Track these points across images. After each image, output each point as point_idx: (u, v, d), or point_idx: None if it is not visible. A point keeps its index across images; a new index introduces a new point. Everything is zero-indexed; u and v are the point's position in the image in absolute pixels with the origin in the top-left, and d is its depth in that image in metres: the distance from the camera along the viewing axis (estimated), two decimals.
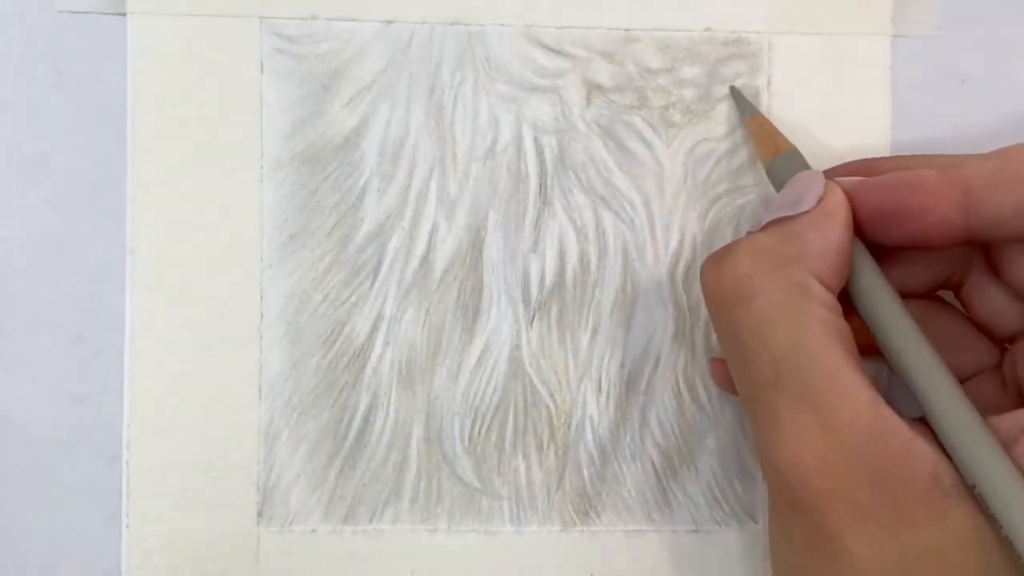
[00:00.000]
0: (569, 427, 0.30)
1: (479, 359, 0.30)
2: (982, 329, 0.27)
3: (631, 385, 0.30)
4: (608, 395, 0.30)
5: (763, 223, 0.26)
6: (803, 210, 0.25)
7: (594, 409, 0.30)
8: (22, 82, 0.29)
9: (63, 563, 0.29)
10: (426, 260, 0.30)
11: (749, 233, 0.26)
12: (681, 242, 0.30)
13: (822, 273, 0.24)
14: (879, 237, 0.25)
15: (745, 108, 0.29)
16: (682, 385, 0.30)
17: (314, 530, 0.29)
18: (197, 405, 0.29)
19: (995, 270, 0.26)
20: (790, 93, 0.30)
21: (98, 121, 0.29)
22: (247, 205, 0.29)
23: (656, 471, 0.30)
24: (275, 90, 0.29)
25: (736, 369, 0.25)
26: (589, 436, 0.30)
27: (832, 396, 0.23)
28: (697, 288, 0.30)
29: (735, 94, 0.30)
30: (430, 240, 0.30)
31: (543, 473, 0.30)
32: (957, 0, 0.31)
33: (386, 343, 0.30)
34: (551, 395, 0.30)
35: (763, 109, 0.30)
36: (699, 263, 0.30)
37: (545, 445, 0.30)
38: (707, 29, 0.30)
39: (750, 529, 0.30)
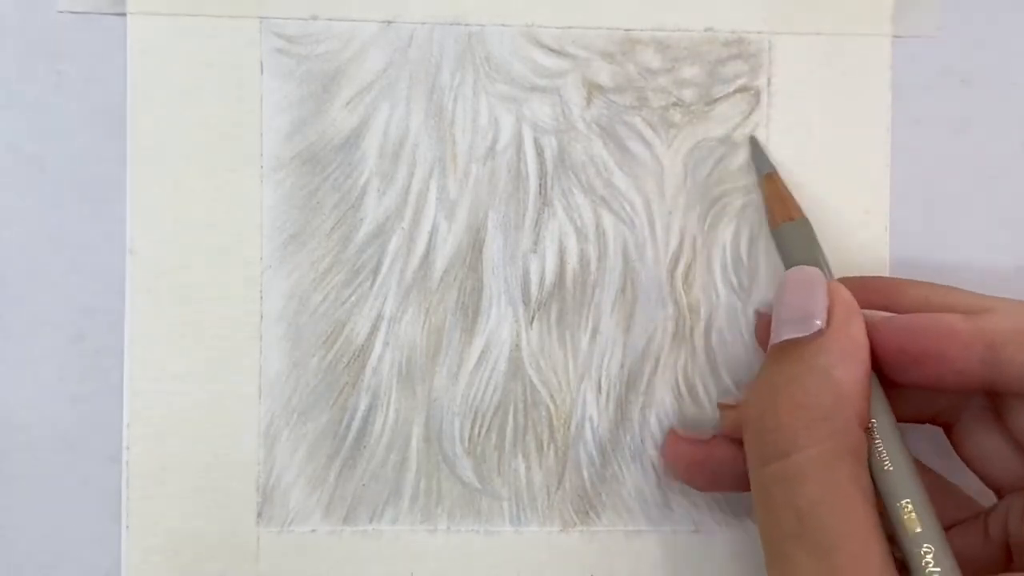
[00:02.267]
0: (569, 427, 0.30)
1: (479, 359, 0.30)
2: (974, 471, 0.27)
3: (631, 385, 0.30)
4: (608, 395, 0.30)
5: (775, 339, 0.26)
6: (817, 328, 0.25)
7: (594, 409, 0.30)
8: (22, 82, 0.29)
9: (63, 563, 0.29)
10: (426, 260, 0.30)
11: (775, 361, 0.26)
12: (681, 242, 0.30)
13: (857, 407, 0.24)
14: (893, 376, 0.25)
15: (763, 164, 0.30)
16: (682, 385, 0.30)
17: (314, 530, 0.29)
18: (197, 405, 0.29)
19: (999, 416, 0.26)
20: (790, 93, 0.30)
21: (98, 121, 0.29)
22: (247, 205, 0.29)
23: (656, 471, 0.30)
24: (275, 90, 0.29)
25: (761, 515, 0.25)
26: (589, 436, 0.30)
27: (848, 556, 0.23)
28: (696, 288, 0.30)
29: (754, 146, 0.30)
30: (430, 240, 0.30)
31: (543, 473, 0.30)
32: (957, 0, 0.30)
33: (386, 343, 0.29)
34: (551, 395, 0.30)
35: (763, 109, 0.30)
36: (699, 263, 0.30)
37: (545, 445, 0.30)
38: (707, 29, 0.30)
39: (750, 529, 0.30)
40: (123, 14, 0.29)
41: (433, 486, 0.30)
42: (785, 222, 0.29)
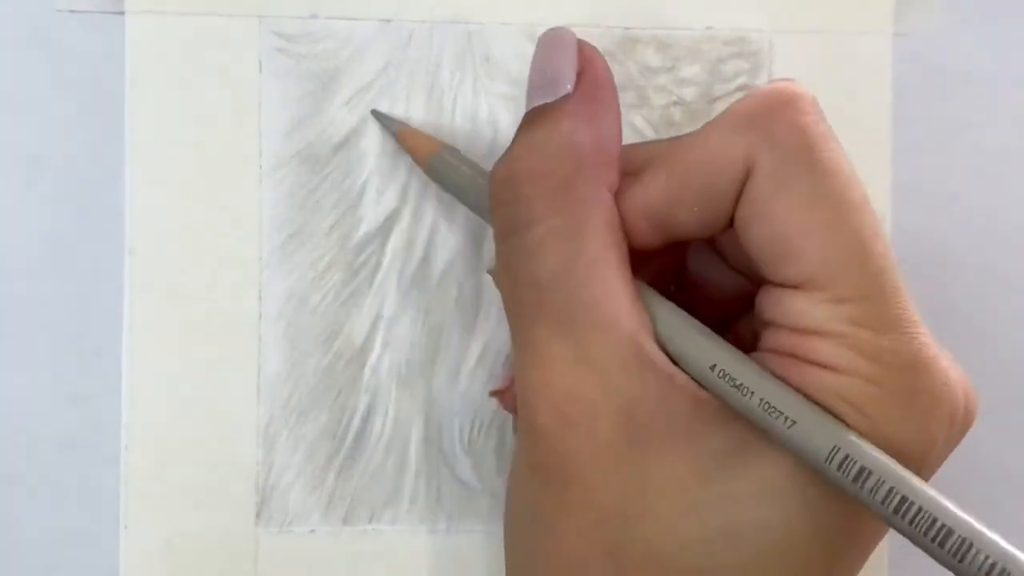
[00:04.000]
0: None
1: (479, 359, 0.30)
2: (710, 297, 0.26)
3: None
4: None
5: (526, 108, 0.24)
6: (565, 92, 0.23)
7: None
8: (21, 81, 0.29)
9: (62, 563, 0.29)
10: (425, 260, 0.30)
11: (522, 131, 0.24)
12: None
13: (602, 174, 0.23)
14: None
15: (391, 124, 0.29)
16: None
17: (313, 531, 0.29)
18: (195, 406, 0.29)
19: (712, 248, 0.26)
20: None
21: (97, 121, 0.29)
22: (246, 205, 0.29)
23: None
24: (274, 89, 0.29)
25: (505, 298, 0.24)
26: None
27: (590, 326, 0.22)
28: None
29: (377, 116, 0.29)
30: (429, 240, 0.29)
31: None
32: None
33: (385, 343, 0.29)
34: None
35: None
36: None
37: None
38: (708, 28, 0.30)
39: None
40: (121, 13, 0.29)
41: (433, 486, 0.30)
42: (432, 154, 0.27)
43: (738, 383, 0.22)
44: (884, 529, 0.23)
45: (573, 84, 0.24)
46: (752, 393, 0.22)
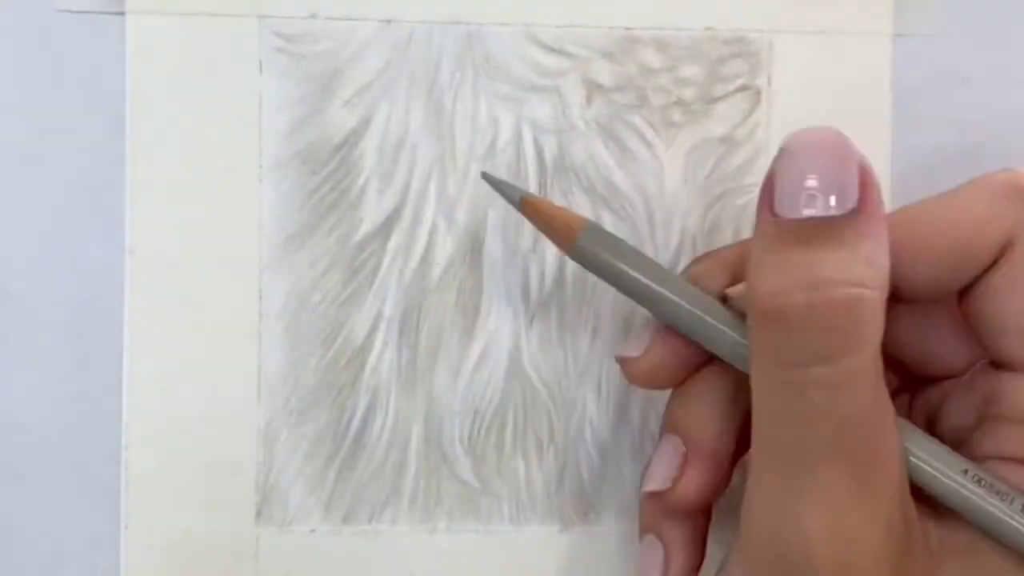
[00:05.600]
0: (569, 427, 0.30)
1: (479, 359, 0.30)
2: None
3: (631, 385, 0.30)
4: (608, 395, 0.30)
5: (789, 214, 0.21)
6: (852, 207, 0.21)
7: (594, 409, 0.30)
8: (21, 82, 0.29)
9: (62, 563, 0.29)
10: (425, 260, 0.30)
11: (777, 231, 0.22)
12: (681, 242, 0.30)
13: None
14: None
15: (512, 192, 0.26)
16: None
17: (313, 530, 0.29)
18: (196, 405, 0.29)
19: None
20: (790, 92, 0.30)
21: (97, 121, 0.29)
22: (246, 205, 0.29)
23: None
24: (274, 89, 0.29)
25: (781, 422, 0.22)
26: (589, 436, 0.30)
27: (878, 469, 0.21)
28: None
29: (491, 181, 0.26)
30: (429, 240, 0.29)
31: (543, 473, 0.30)
32: None
33: (385, 343, 0.29)
34: (551, 395, 0.30)
35: (763, 108, 0.30)
36: None
37: (545, 445, 0.30)
38: (708, 28, 0.30)
39: None
40: (122, 13, 0.29)
41: (433, 486, 0.30)
42: (579, 232, 0.25)
43: (996, 488, 0.22)
44: None
45: (857, 201, 0.21)
46: (1013, 499, 0.22)
